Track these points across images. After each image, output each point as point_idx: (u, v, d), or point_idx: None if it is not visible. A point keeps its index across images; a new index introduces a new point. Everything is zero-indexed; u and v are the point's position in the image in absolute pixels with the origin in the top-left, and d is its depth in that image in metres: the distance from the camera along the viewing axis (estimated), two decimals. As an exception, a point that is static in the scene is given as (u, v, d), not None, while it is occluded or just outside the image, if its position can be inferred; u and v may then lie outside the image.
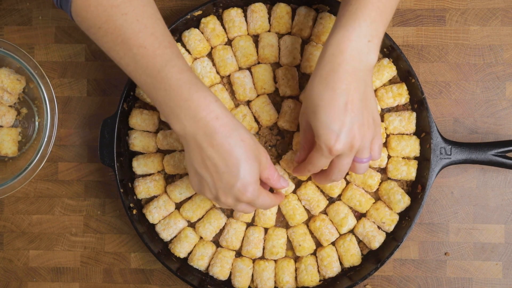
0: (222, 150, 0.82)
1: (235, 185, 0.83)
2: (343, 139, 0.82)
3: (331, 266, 1.02)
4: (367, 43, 0.82)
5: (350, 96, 0.81)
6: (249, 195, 0.84)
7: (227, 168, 0.82)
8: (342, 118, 0.81)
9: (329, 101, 0.81)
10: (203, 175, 0.85)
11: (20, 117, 1.12)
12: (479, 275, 1.07)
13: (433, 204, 1.08)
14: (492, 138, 1.07)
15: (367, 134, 0.84)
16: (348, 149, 0.83)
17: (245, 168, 0.83)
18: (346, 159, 0.86)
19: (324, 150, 0.83)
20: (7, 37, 1.12)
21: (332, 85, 0.81)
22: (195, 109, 0.81)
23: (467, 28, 1.08)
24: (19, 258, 1.12)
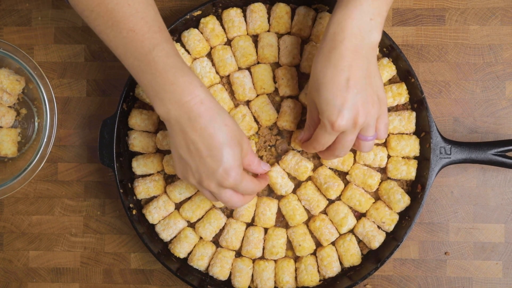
0: (205, 134, 0.83)
1: (218, 170, 0.83)
2: (346, 115, 0.82)
3: (331, 266, 1.02)
4: (369, 21, 0.83)
5: (352, 72, 0.82)
6: (231, 180, 0.84)
7: (210, 152, 0.83)
8: (344, 94, 0.82)
9: (331, 78, 0.82)
10: (187, 159, 0.85)
11: (19, 117, 1.12)
12: (479, 274, 1.07)
13: (433, 204, 1.08)
14: (492, 137, 1.07)
15: (371, 111, 0.84)
16: (352, 126, 0.84)
17: (228, 152, 0.83)
18: (349, 136, 0.86)
19: (327, 126, 0.84)
20: (7, 37, 1.12)
21: (334, 62, 0.82)
22: (180, 93, 0.82)
23: (466, 28, 1.08)
24: (19, 258, 1.12)
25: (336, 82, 0.82)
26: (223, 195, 0.88)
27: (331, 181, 1.01)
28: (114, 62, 1.11)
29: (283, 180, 1.03)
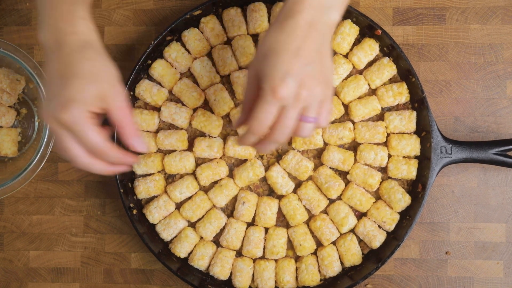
0: (63, 61, 0.78)
1: (58, 98, 0.76)
2: (289, 82, 0.75)
3: (331, 266, 1.01)
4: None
5: (305, 42, 0.76)
6: (68, 116, 0.75)
7: (59, 79, 0.78)
8: (292, 61, 0.75)
9: (283, 44, 0.76)
10: (47, 85, 0.81)
11: (19, 117, 1.12)
12: (480, 274, 1.07)
13: (434, 203, 1.08)
14: (493, 137, 1.07)
15: (316, 88, 0.77)
16: (294, 98, 0.76)
17: (75, 84, 0.76)
18: (291, 112, 0.77)
19: (268, 93, 0.75)
20: (7, 37, 1.12)
21: (288, 30, 0.77)
22: (56, 19, 0.79)
23: (467, 27, 1.08)
24: (20, 258, 1.12)
25: (286, 49, 0.76)
26: (62, 138, 0.78)
27: (332, 180, 1.01)
28: (114, 62, 1.11)
29: (283, 179, 1.02)
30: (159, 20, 1.11)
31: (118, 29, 1.11)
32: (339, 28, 1.02)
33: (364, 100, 1.02)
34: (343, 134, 1.01)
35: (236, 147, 1.02)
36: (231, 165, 1.05)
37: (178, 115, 1.03)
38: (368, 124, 1.02)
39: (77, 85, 0.77)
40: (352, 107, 1.02)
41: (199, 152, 1.03)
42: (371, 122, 1.02)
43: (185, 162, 1.03)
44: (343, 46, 1.02)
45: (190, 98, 1.03)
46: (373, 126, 1.01)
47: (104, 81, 0.79)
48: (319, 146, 1.02)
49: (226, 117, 1.05)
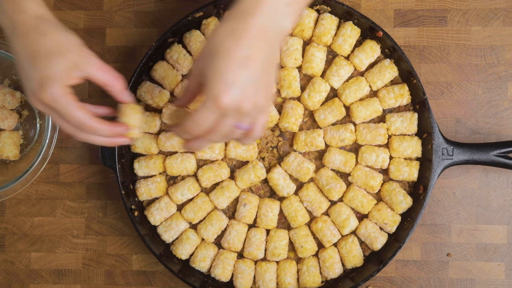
0: (25, 43, 0.77)
1: (32, 81, 0.76)
2: (233, 93, 0.72)
3: (333, 268, 1.01)
4: (284, 6, 0.75)
5: (254, 52, 0.73)
6: (47, 95, 0.75)
7: (27, 62, 0.77)
8: (239, 72, 0.73)
9: (230, 50, 0.73)
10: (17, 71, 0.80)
11: (21, 119, 1.12)
12: (481, 276, 1.07)
13: (435, 205, 1.08)
14: (494, 138, 1.07)
15: (258, 102, 0.75)
16: (235, 109, 0.73)
17: (42, 63, 0.76)
18: (229, 120, 0.75)
19: (209, 100, 0.73)
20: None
21: (238, 34, 0.73)
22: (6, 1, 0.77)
23: (468, 29, 1.08)
24: (21, 260, 1.12)
25: (234, 57, 0.73)
26: (53, 117, 0.79)
27: (333, 182, 1.01)
28: (116, 64, 1.11)
29: (285, 181, 1.02)
30: (161, 22, 1.11)
31: (120, 31, 1.11)
32: (341, 29, 1.02)
33: (365, 101, 1.02)
34: (344, 136, 1.01)
35: (238, 148, 1.02)
36: (233, 166, 1.05)
37: (180, 117, 1.03)
38: (369, 126, 1.02)
39: (45, 63, 0.76)
40: (354, 109, 1.02)
41: (200, 154, 1.03)
42: (372, 124, 1.02)
43: (187, 163, 1.03)
44: (345, 48, 1.02)
45: (191, 100, 1.03)
46: (375, 128, 1.01)
47: (69, 50, 0.78)
48: (320, 148, 1.02)
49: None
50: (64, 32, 0.79)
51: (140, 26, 1.11)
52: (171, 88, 1.05)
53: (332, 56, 1.04)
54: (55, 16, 0.80)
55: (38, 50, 0.76)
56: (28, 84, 0.77)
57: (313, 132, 1.02)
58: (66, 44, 0.78)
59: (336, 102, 1.02)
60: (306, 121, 1.04)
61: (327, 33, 1.02)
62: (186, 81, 0.92)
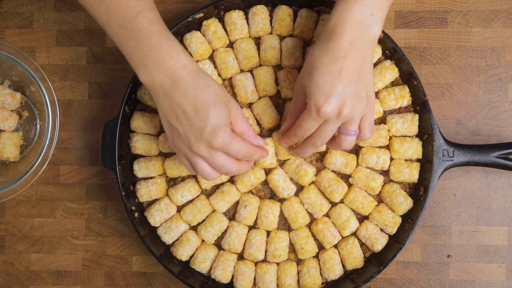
0: (189, 96, 0.84)
1: (205, 129, 0.83)
2: (332, 102, 0.83)
3: (333, 269, 1.01)
4: (369, 16, 0.84)
5: (346, 63, 0.83)
6: (220, 140, 0.84)
7: (195, 113, 0.84)
8: (335, 82, 0.83)
9: (326, 65, 0.84)
10: (175, 124, 0.86)
11: (21, 120, 1.12)
12: (482, 277, 1.07)
13: (436, 207, 1.07)
14: (495, 140, 1.07)
15: (358, 106, 0.86)
16: (336, 115, 0.85)
17: (214, 111, 0.84)
18: (331, 125, 0.87)
19: (313, 110, 0.85)
20: (9, 40, 1.12)
21: (331, 51, 0.84)
22: (162, 58, 0.84)
23: (469, 30, 1.08)
24: (21, 261, 1.12)
25: (330, 70, 0.83)
26: (216, 159, 0.87)
27: (335, 184, 1.01)
28: (116, 65, 1.11)
29: (285, 183, 1.02)
30: (161, 23, 1.11)
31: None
32: (341, 31, 1.02)
33: (366, 103, 1.02)
34: (345, 137, 1.01)
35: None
36: (233, 168, 1.05)
37: (180, 118, 1.03)
38: (370, 127, 1.01)
39: (215, 112, 0.84)
40: (354, 110, 1.01)
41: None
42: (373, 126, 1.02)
43: (187, 165, 1.03)
44: (345, 49, 1.02)
45: (192, 101, 1.03)
46: (376, 129, 1.01)
47: (226, 100, 0.86)
48: (321, 149, 1.02)
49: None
50: (215, 82, 0.87)
51: (140, 27, 1.11)
52: (171, 89, 1.04)
53: (333, 57, 1.04)
54: None
55: (206, 101, 0.84)
56: (194, 132, 0.84)
57: (313, 134, 1.01)
58: (223, 95, 0.86)
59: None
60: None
61: (327, 35, 1.02)
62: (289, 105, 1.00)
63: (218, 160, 0.87)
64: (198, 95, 0.84)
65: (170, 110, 0.85)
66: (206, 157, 0.87)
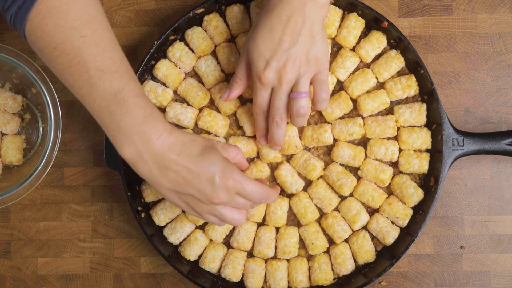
0: (184, 156, 0.82)
1: (215, 176, 0.83)
2: (273, 67, 0.84)
3: (345, 264, 1.00)
4: None
5: (288, 27, 0.83)
6: (232, 180, 0.84)
7: (199, 167, 0.83)
8: (276, 47, 0.84)
9: (269, 29, 0.84)
10: (186, 190, 0.84)
11: (23, 123, 1.11)
12: (496, 268, 1.05)
13: (447, 197, 1.06)
14: (505, 127, 1.05)
15: (302, 67, 0.85)
16: (278, 79, 0.85)
17: (212, 157, 0.83)
18: (279, 93, 0.88)
19: (255, 79, 0.86)
20: (8, 42, 1.11)
21: (275, 14, 0.84)
22: (150, 132, 0.81)
23: (475, 17, 1.06)
24: (28, 266, 1.11)
25: (272, 35, 0.84)
26: (236, 201, 0.87)
27: (344, 177, 0.99)
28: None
29: (293, 178, 1.01)
30: (161, 20, 1.10)
31: (120, 30, 1.10)
32: (345, 21, 1.00)
33: (372, 94, 1.00)
34: (353, 130, 0.99)
35: (237, 143, 1.01)
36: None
37: (184, 115, 1.02)
38: (378, 119, 1.00)
39: (213, 157, 0.84)
40: (361, 102, 1.00)
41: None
42: (380, 117, 1.00)
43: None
44: (349, 39, 1.00)
45: (195, 98, 1.02)
46: (383, 120, 0.99)
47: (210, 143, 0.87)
48: (328, 143, 1.01)
49: (233, 116, 1.03)
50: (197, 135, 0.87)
51: (140, 25, 1.10)
52: (174, 86, 1.03)
53: (337, 48, 1.02)
54: None
55: (199, 153, 0.83)
56: (207, 185, 0.83)
57: (320, 128, 1.00)
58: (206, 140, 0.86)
59: (343, 95, 1.00)
60: (313, 115, 1.02)
61: (331, 25, 1.00)
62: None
63: (239, 201, 0.87)
64: (191, 152, 0.83)
65: (174, 180, 0.83)
66: (228, 202, 0.86)
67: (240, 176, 0.85)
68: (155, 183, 0.84)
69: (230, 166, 0.85)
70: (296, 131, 1.01)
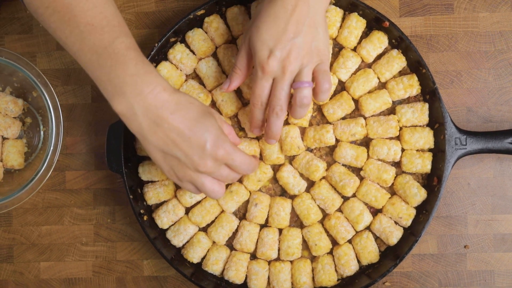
0: (178, 117, 0.81)
1: (206, 143, 0.81)
2: (276, 56, 0.83)
3: (348, 265, 0.99)
4: None
5: (294, 16, 0.83)
6: (223, 150, 0.82)
7: (191, 131, 0.81)
8: (280, 36, 0.83)
9: (273, 18, 0.83)
10: (173, 152, 0.82)
11: (24, 127, 1.11)
12: (500, 267, 1.04)
13: (450, 197, 1.05)
14: (508, 126, 1.05)
15: (305, 58, 0.84)
16: (281, 69, 0.84)
17: (207, 123, 0.82)
18: (281, 83, 0.86)
19: (258, 68, 0.85)
20: (9, 46, 1.11)
21: (280, 2, 0.83)
22: (141, 84, 0.80)
23: (476, 15, 1.06)
24: (30, 270, 1.10)
25: (276, 23, 0.83)
26: (222, 171, 0.85)
27: (347, 178, 0.99)
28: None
29: (295, 179, 1.01)
30: (162, 22, 1.09)
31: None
32: (346, 22, 1.00)
33: (374, 94, 1.00)
34: (355, 131, 0.99)
35: (239, 145, 1.00)
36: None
37: (186, 117, 1.01)
38: (380, 119, 0.99)
39: (208, 124, 0.82)
40: (363, 102, 1.00)
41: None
42: (382, 117, 1.00)
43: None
44: (351, 40, 1.00)
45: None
46: (385, 120, 0.99)
47: (209, 110, 0.85)
48: (330, 144, 1.00)
49: (234, 118, 1.03)
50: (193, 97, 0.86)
51: (141, 27, 1.10)
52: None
53: (338, 49, 1.02)
54: None
55: (194, 117, 0.82)
56: (196, 151, 0.82)
57: (321, 129, 1.00)
58: (204, 106, 0.85)
59: (344, 95, 1.00)
60: (315, 116, 1.02)
61: (332, 26, 1.00)
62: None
63: (224, 172, 0.86)
64: (186, 114, 0.81)
65: (162, 139, 0.81)
66: (213, 172, 0.84)
67: (231, 148, 0.84)
68: (143, 139, 0.83)
69: (224, 137, 0.83)
70: (298, 132, 1.00)
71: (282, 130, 1.00)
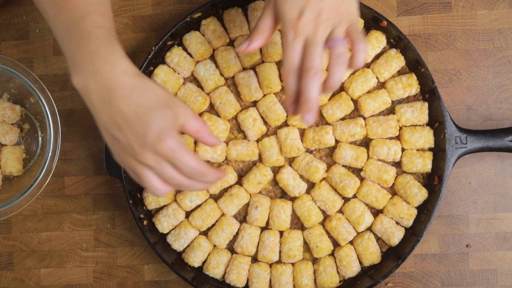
0: (128, 102, 0.77)
1: (149, 134, 0.77)
2: (306, 16, 0.78)
3: (350, 266, 0.99)
4: None
5: None
6: (165, 145, 0.77)
7: (137, 118, 0.77)
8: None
9: None
10: (117, 135, 0.79)
11: (22, 133, 1.10)
12: (503, 265, 1.04)
13: (451, 196, 1.05)
14: (508, 124, 1.04)
15: (337, 16, 0.80)
16: (313, 29, 0.79)
17: (156, 114, 0.77)
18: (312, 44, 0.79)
19: (289, 31, 0.79)
20: (5, 52, 1.10)
21: None
22: (99, 63, 0.78)
23: (474, 13, 1.05)
24: (31, 277, 1.10)
25: None
26: (164, 169, 0.79)
27: (347, 179, 0.98)
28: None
29: (295, 181, 1.00)
30: (159, 25, 1.09)
31: (118, 37, 1.09)
32: (343, 22, 1.00)
33: (373, 94, 1.00)
34: (355, 131, 0.99)
35: (237, 145, 1.00)
36: (239, 170, 1.03)
37: (184, 121, 1.01)
38: (379, 119, 0.99)
39: (157, 115, 0.77)
40: (362, 102, 0.99)
41: (201, 153, 1.00)
42: (382, 117, 0.99)
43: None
44: (349, 40, 1.00)
45: (195, 103, 1.01)
46: (385, 120, 0.99)
47: (172, 102, 0.80)
48: (330, 145, 1.00)
49: (233, 120, 1.03)
50: (158, 85, 0.81)
51: (138, 31, 1.09)
52: (173, 92, 1.02)
53: (336, 49, 1.01)
54: None
55: (148, 105, 0.77)
56: (137, 139, 0.77)
57: (321, 130, 0.99)
58: (168, 97, 0.79)
59: (343, 96, 1.00)
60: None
61: (330, 26, 0.99)
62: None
63: (167, 170, 0.80)
64: (137, 100, 0.77)
65: (110, 120, 0.79)
66: (153, 166, 0.79)
67: (176, 145, 0.78)
68: (95, 117, 0.80)
69: (171, 132, 0.78)
70: (298, 133, 1.00)
71: (281, 131, 1.00)
